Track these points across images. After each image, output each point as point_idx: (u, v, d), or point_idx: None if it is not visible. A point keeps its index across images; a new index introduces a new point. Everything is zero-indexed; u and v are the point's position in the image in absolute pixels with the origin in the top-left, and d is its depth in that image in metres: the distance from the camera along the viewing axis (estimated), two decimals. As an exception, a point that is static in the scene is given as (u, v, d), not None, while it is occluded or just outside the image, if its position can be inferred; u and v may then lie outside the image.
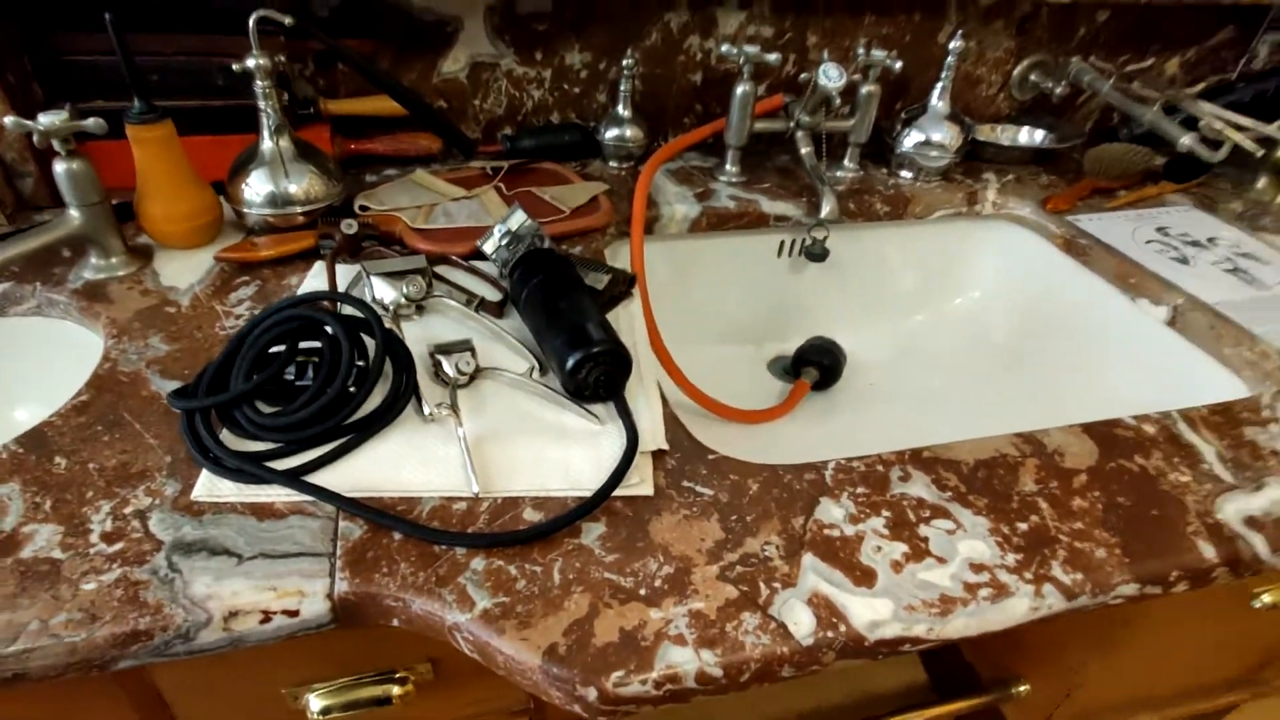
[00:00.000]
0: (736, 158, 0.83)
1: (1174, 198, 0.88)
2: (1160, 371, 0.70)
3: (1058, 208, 0.82)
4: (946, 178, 0.88)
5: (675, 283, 0.81)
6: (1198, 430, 0.53)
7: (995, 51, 0.93)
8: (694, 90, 0.87)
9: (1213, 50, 1.01)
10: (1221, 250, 0.77)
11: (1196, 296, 0.69)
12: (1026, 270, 0.85)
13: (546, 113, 0.84)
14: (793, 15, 0.84)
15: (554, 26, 0.78)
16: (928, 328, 0.89)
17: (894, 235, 0.86)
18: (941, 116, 0.84)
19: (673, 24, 0.81)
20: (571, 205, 0.72)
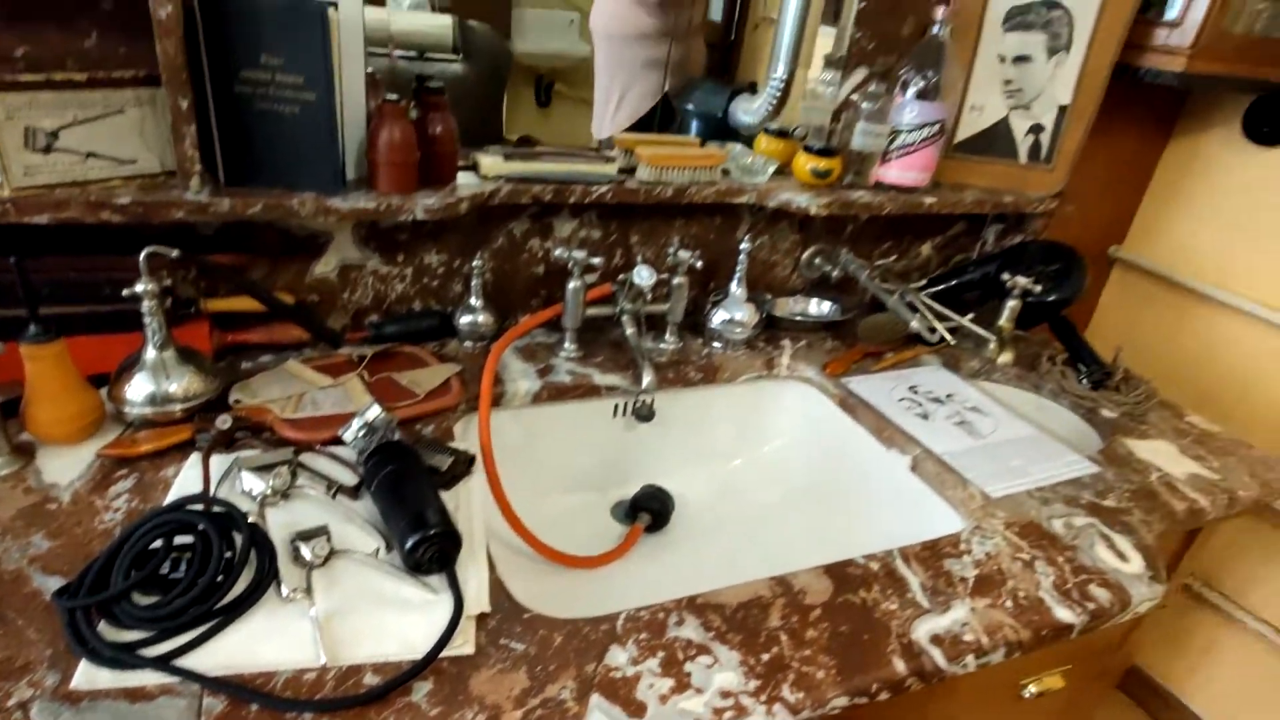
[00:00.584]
0: (574, 337, 0.98)
1: (929, 357, 1.11)
2: (907, 509, 0.88)
3: (834, 372, 1.02)
4: (751, 346, 1.07)
5: (525, 444, 0.94)
6: (910, 565, 0.69)
7: (784, 243, 1.15)
8: (538, 279, 1.03)
9: (954, 238, 1.29)
10: (955, 405, 0.98)
11: (930, 448, 0.88)
12: (817, 423, 1.03)
13: (409, 302, 0.97)
14: (617, 220, 1.03)
15: (413, 236, 0.93)
16: (744, 471, 1.05)
17: (710, 395, 1.02)
18: (741, 300, 1.04)
19: (516, 231, 0.98)
20: (426, 389, 0.84)
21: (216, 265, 0.73)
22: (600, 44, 1.11)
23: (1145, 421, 1.00)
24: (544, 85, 1.13)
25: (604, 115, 1.16)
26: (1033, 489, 0.83)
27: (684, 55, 1.14)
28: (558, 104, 1.15)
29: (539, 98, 1.14)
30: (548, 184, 0.91)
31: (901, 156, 1.05)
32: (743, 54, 1.19)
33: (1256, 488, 0.89)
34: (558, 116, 1.16)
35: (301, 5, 0.68)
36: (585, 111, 1.12)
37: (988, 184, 1.15)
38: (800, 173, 1.04)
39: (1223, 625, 1.43)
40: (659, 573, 0.88)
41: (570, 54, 1.10)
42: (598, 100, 1.15)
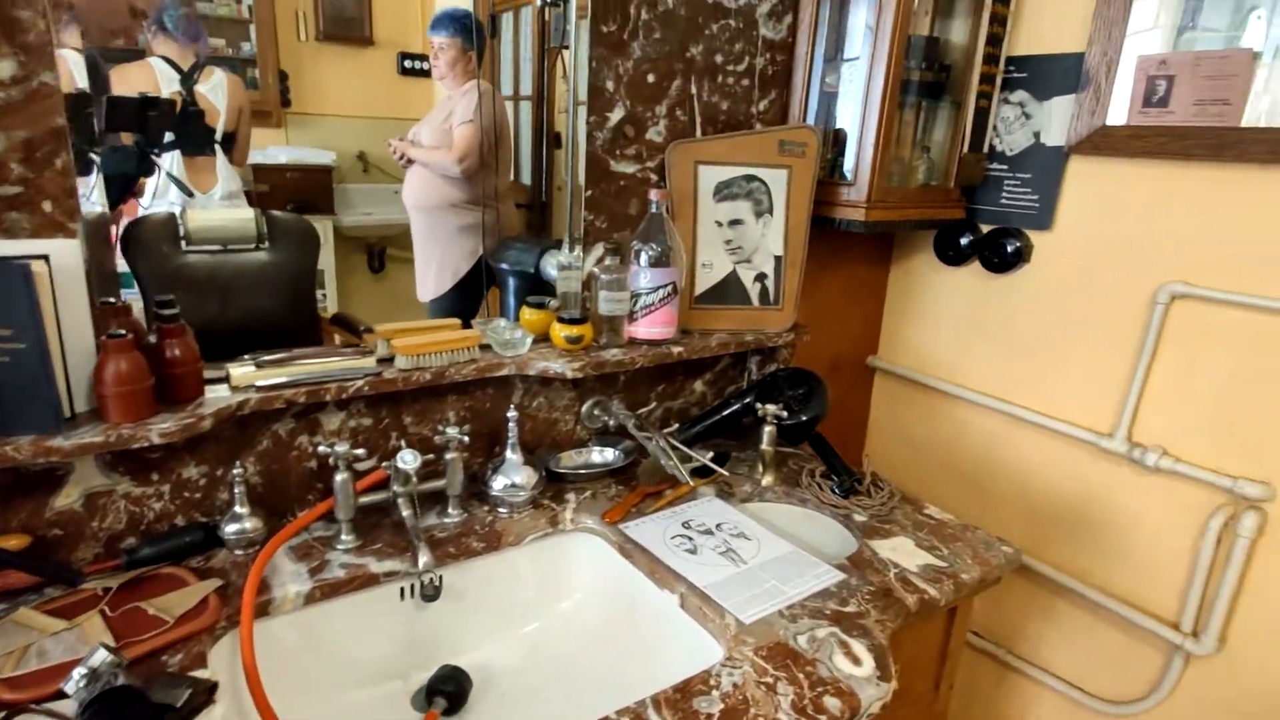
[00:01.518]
0: (350, 527, 0.99)
1: (705, 489, 1.20)
2: (678, 646, 0.93)
3: (612, 519, 1.08)
4: (536, 505, 1.11)
5: (306, 646, 0.92)
6: (661, 712, 0.73)
7: (561, 400, 1.23)
8: (313, 473, 1.04)
9: (722, 371, 1.42)
10: (723, 535, 1.06)
11: (694, 583, 0.95)
12: (604, 571, 1.08)
13: (170, 518, 0.95)
14: (387, 405, 1.07)
15: (167, 452, 0.93)
16: (543, 633, 1.07)
17: (497, 562, 1.05)
18: (518, 464, 1.09)
19: (281, 431, 1.00)
20: (178, 613, 0.82)
21: None
22: (414, 215, 1.21)
23: (890, 520, 1.13)
24: (376, 252, 1.20)
25: (425, 279, 1.23)
26: (784, 608, 0.90)
27: (495, 219, 1.25)
28: (392, 267, 1.21)
29: (372, 265, 1.21)
30: (301, 387, 0.95)
31: (646, 315, 1.18)
32: (553, 212, 1.31)
33: (978, 569, 1.01)
34: (393, 279, 1.22)
35: (2, 267, 0.71)
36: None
37: (731, 326, 1.30)
38: (557, 340, 1.14)
39: (1020, 682, 1.55)
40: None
41: (398, 221, 1.19)
42: (419, 266, 1.23)
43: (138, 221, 1.00)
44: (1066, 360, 1.39)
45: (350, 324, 1.17)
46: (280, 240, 1.09)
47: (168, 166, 1.03)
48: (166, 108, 1.02)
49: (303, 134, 1.10)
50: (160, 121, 1.02)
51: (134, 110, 0.99)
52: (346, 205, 1.15)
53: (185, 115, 1.04)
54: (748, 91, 1.31)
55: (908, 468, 1.70)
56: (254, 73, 1.05)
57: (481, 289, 1.26)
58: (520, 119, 1.29)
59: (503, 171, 1.27)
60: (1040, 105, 1.35)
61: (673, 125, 1.24)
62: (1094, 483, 1.39)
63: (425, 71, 1.16)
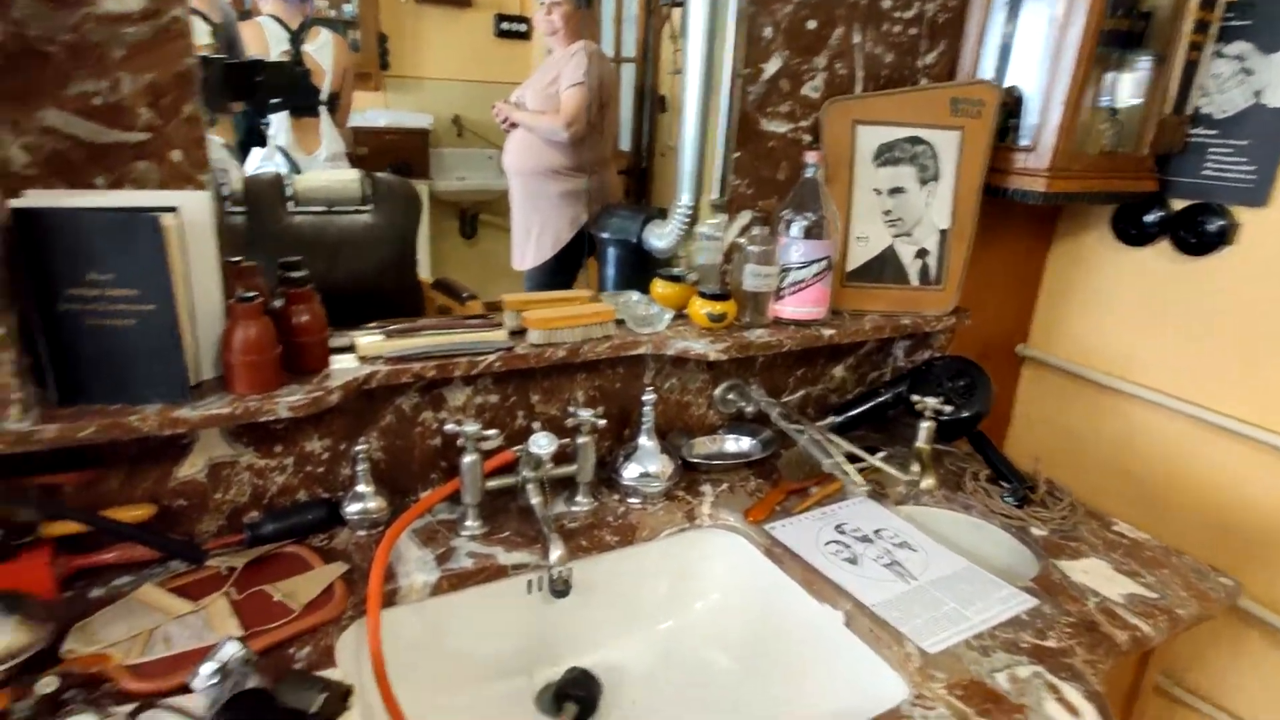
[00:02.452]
0: (476, 512, 0.91)
1: (853, 488, 1.07)
2: (848, 671, 0.81)
3: (756, 519, 0.97)
4: (670, 496, 1.01)
5: (430, 639, 0.85)
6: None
7: (695, 383, 1.13)
8: (436, 451, 0.97)
9: (866, 356, 1.29)
10: (883, 543, 0.94)
11: (861, 600, 0.83)
12: (747, 573, 0.97)
13: (292, 493, 0.89)
14: (515, 382, 0.99)
15: (291, 424, 0.87)
16: (676, 635, 0.97)
17: (629, 557, 0.96)
18: (653, 451, 1.00)
19: (405, 406, 0.93)
20: (304, 600, 0.75)
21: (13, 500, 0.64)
22: (514, 181, 1.13)
23: (1075, 537, 0.98)
24: (469, 218, 1.15)
25: (524, 248, 1.15)
26: (971, 637, 0.78)
27: (599, 185, 1.16)
28: (484, 234, 1.16)
29: (464, 230, 1.15)
30: (431, 360, 0.87)
31: (795, 293, 1.05)
32: (655, 179, 1.22)
33: (1195, 603, 0.86)
34: (485, 246, 1.16)
35: (130, 220, 0.64)
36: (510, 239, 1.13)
37: (885, 308, 1.16)
38: (697, 318, 1.03)
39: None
40: None
41: (492, 187, 1.14)
42: (515, 234, 1.15)
43: (246, 181, 0.95)
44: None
45: (453, 289, 1.10)
46: (383, 202, 1.04)
47: (274, 133, 0.98)
48: (275, 71, 0.98)
49: (401, 97, 1.07)
50: (269, 87, 0.98)
51: (246, 75, 0.94)
52: (441, 169, 1.10)
53: (293, 75, 0.98)
54: (914, 42, 1.16)
55: (1060, 470, 1.52)
56: (355, 34, 1.02)
57: (580, 259, 1.17)
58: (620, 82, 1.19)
59: (609, 136, 1.17)
60: (1266, 59, 1.14)
61: (831, 80, 1.10)
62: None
63: (522, 34, 1.10)
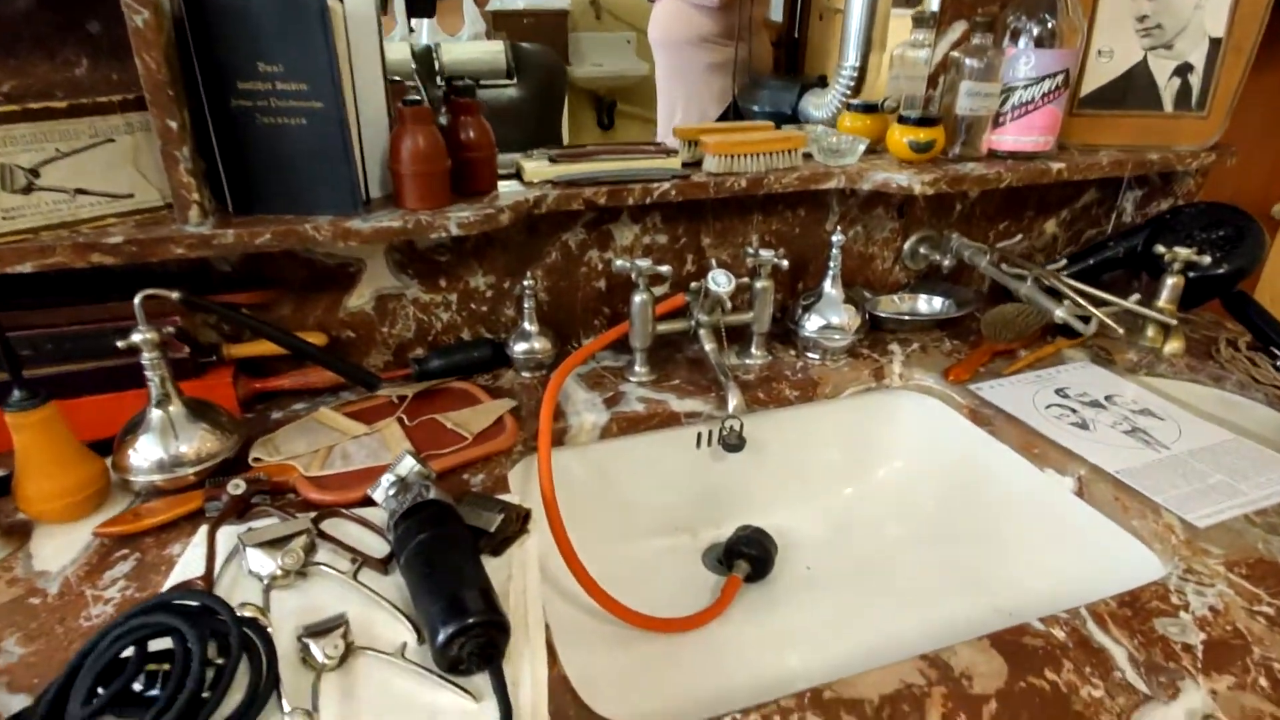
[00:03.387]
0: (645, 358, 0.84)
1: (1071, 353, 0.92)
2: (1079, 547, 0.69)
3: (959, 378, 0.85)
4: (853, 354, 0.90)
5: (597, 484, 0.81)
6: (1108, 629, 0.51)
7: (882, 233, 0.99)
8: (600, 295, 0.90)
9: (1084, 209, 1.09)
10: (1120, 409, 0.79)
11: (1099, 465, 0.70)
12: (942, 440, 0.85)
13: (456, 331, 0.86)
14: (685, 222, 0.89)
15: (455, 257, 0.82)
16: (856, 501, 0.89)
17: (810, 415, 0.87)
18: (837, 301, 0.88)
19: (570, 243, 0.86)
20: (476, 430, 0.72)
21: (216, 306, 0.63)
22: (660, 53, 1.04)
23: (1376, 414, 0.79)
24: (605, 106, 1.07)
25: (668, 127, 1.05)
26: (1251, 512, 0.63)
27: (748, 55, 1.03)
28: (621, 124, 1.09)
29: (601, 120, 1.07)
30: (601, 185, 0.78)
31: (1019, 118, 0.88)
32: (808, 48, 1.07)
33: None
34: (622, 136, 1.09)
35: (297, 2, 0.58)
36: (650, 130, 1.05)
37: (1126, 140, 0.95)
38: (896, 148, 0.88)
39: None
40: (765, 637, 0.73)
41: (630, 73, 1.05)
42: (661, 110, 1.05)
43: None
44: None
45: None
46: (528, 74, 0.96)
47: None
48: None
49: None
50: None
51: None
52: (578, 55, 1.02)
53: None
54: None
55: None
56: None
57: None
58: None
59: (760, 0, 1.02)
60: None
61: None
62: None
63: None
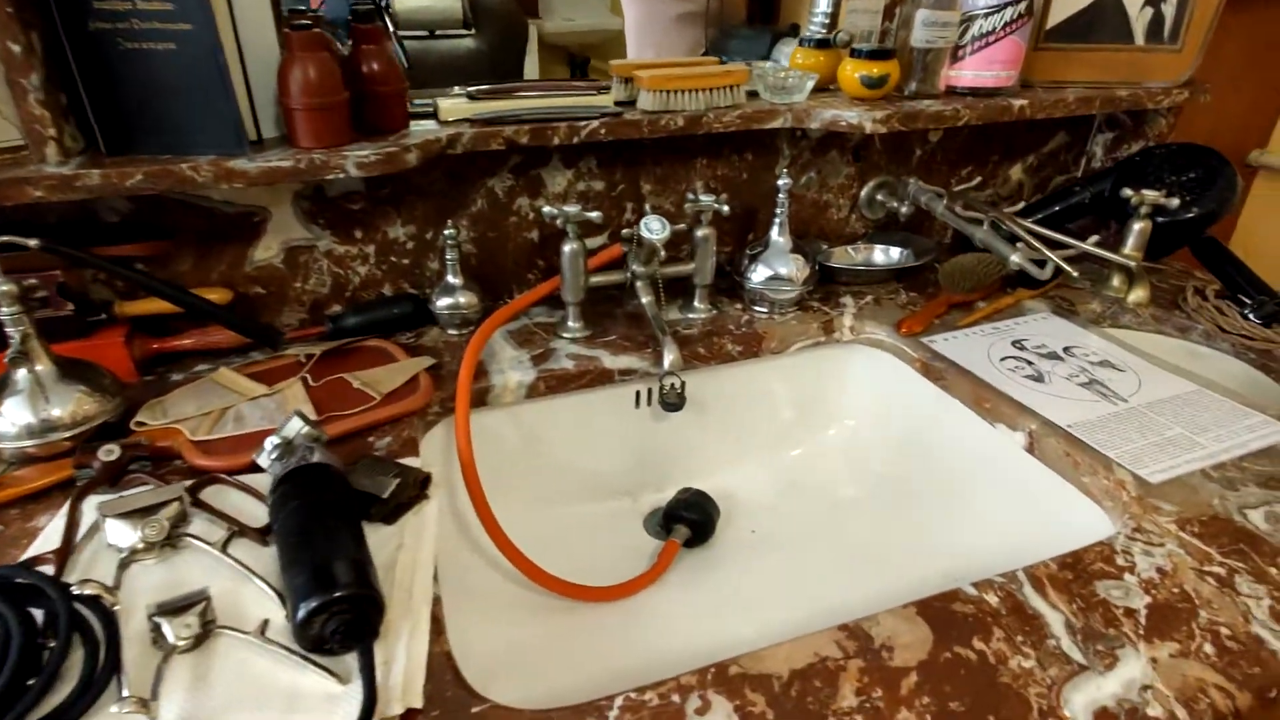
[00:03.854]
0: (578, 313, 0.79)
1: (1032, 304, 0.87)
2: (1028, 505, 0.65)
3: (911, 330, 0.80)
4: (803, 307, 0.86)
5: (528, 446, 0.76)
6: (1045, 593, 0.48)
7: (837, 179, 0.93)
8: (533, 247, 0.85)
9: (1052, 154, 1.04)
10: (1078, 361, 0.75)
11: (1051, 419, 0.66)
12: (894, 396, 0.81)
13: (376, 286, 0.80)
14: (623, 167, 0.83)
15: (370, 205, 0.76)
16: (805, 461, 0.84)
17: (755, 371, 0.82)
18: (784, 251, 0.83)
19: (497, 189, 0.80)
20: (385, 389, 0.67)
21: (91, 257, 0.57)
22: (629, 5, 0.97)
23: (1346, 363, 0.75)
24: (578, 64, 1.00)
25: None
26: (1209, 466, 0.59)
27: (719, 5, 0.97)
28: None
29: (574, 77, 1.00)
30: (523, 124, 0.72)
31: (978, 50, 0.82)
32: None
33: None
34: None
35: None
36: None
37: (1094, 77, 0.90)
38: (848, 84, 0.82)
39: None
40: (703, 605, 0.69)
41: (602, 28, 0.99)
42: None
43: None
44: None
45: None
46: (487, 25, 0.88)
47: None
48: None
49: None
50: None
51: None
52: (549, 9, 0.95)
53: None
54: None
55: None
56: None
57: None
58: None
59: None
60: None
61: None
62: None
63: None
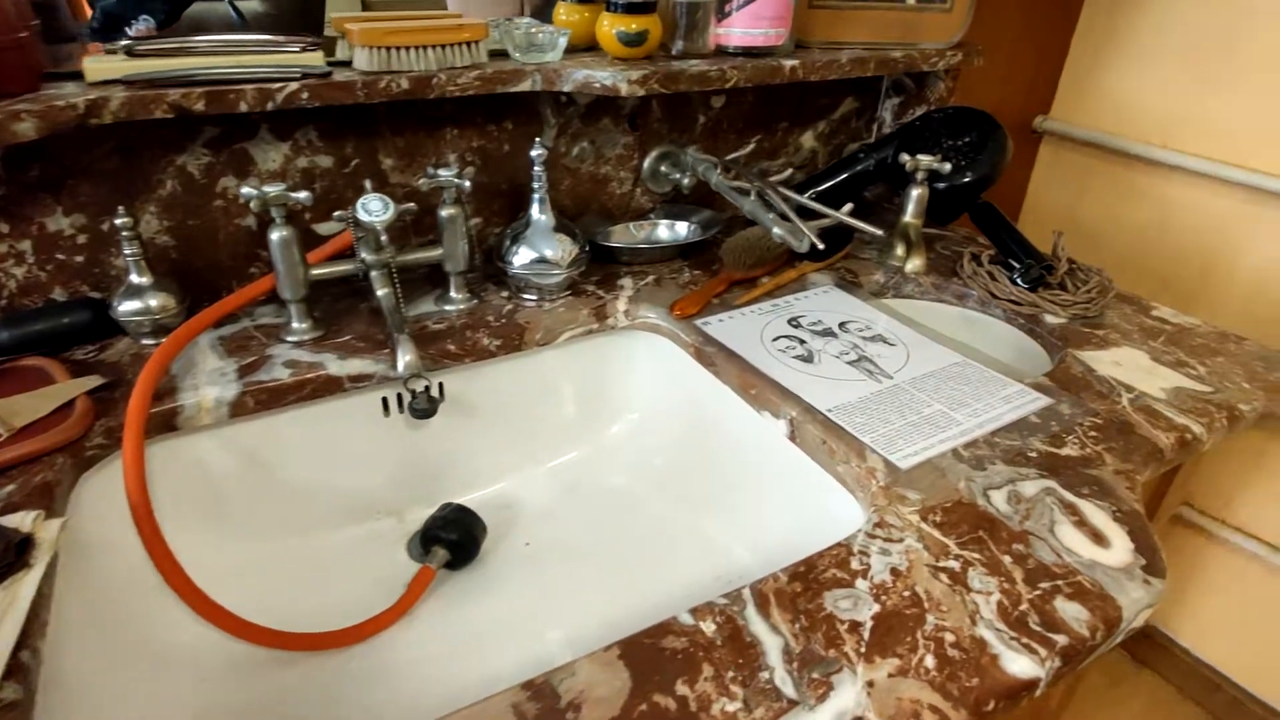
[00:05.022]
0: (304, 311, 0.68)
1: (817, 277, 0.83)
2: (792, 498, 0.61)
3: (685, 312, 0.74)
4: (576, 292, 0.78)
5: (253, 471, 0.65)
6: (769, 614, 0.42)
7: (614, 149, 0.86)
8: (252, 236, 0.72)
9: (843, 120, 1.01)
10: (851, 337, 0.71)
11: (811, 404, 0.61)
12: (675, 386, 0.75)
13: (44, 290, 0.66)
14: (354, 139, 0.72)
15: (15, 190, 0.61)
16: (588, 462, 0.77)
17: (520, 366, 0.74)
18: (547, 230, 0.75)
19: (191, 168, 0.67)
20: (22, 421, 0.53)
21: None
22: None
23: (1103, 324, 0.75)
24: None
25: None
26: (961, 445, 0.56)
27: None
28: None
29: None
30: (195, 86, 0.60)
31: (745, 5, 0.76)
32: None
33: (1261, 396, 0.64)
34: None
35: None
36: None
37: (869, 38, 0.86)
38: (606, 42, 0.74)
39: (1207, 548, 1.22)
40: (462, 637, 0.61)
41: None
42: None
43: None
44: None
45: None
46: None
47: None
48: None
49: None
50: None
51: None
52: None
53: None
54: None
55: (1074, 269, 1.28)
56: None
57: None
58: None
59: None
60: None
61: None
62: (1381, 285, 0.96)
63: None
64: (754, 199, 0.72)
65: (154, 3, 0.66)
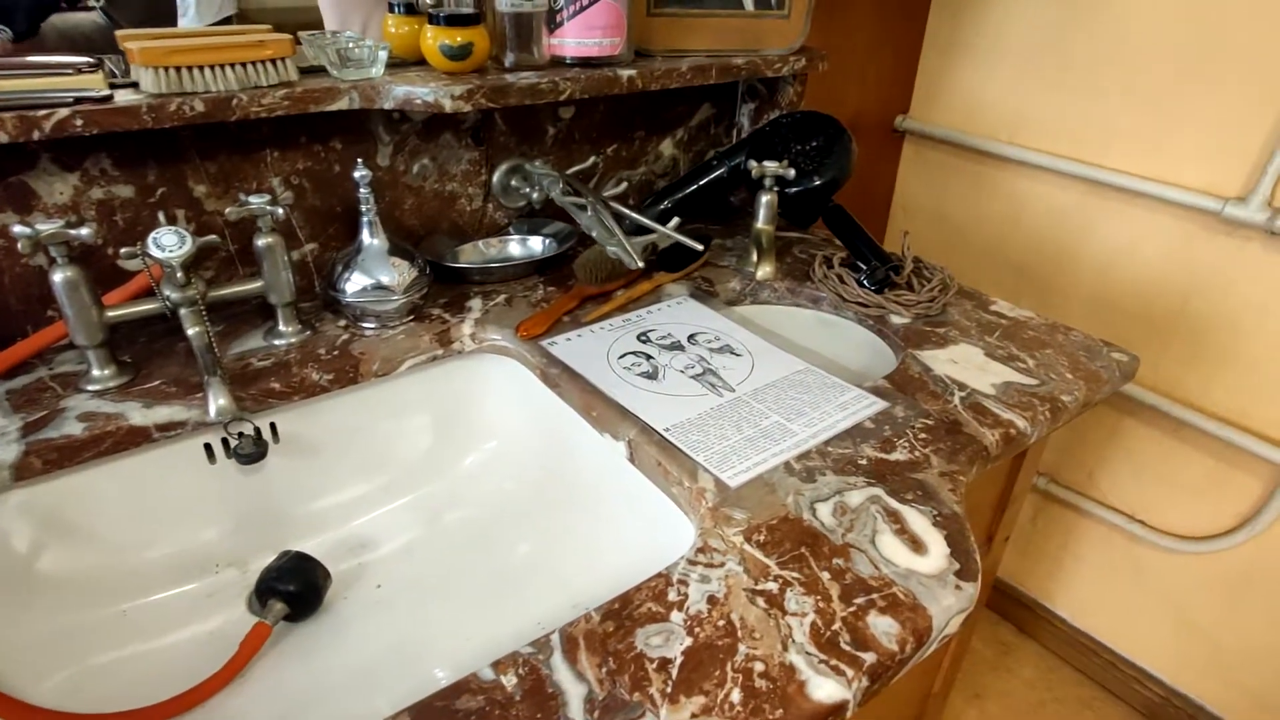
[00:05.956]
0: (104, 358, 0.62)
1: (674, 288, 0.82)
2: (634, 524, 0.60)
3: (530, 333, 0.72)
4: (419, 317, 0.74)
5: (55, 539, 0.59)
6: (576, 659, 0.40)
7: (458, 165, 0.83)
8: (44, 276, 0.66)
9: (701, 127, 1.01)
10: (698, 350, 0.70)
11: (649, 423, 0.60)
12: (528, 410, 0.73)
13: None
14: (157, 166, 0.67)
15: None
16: (445, 495, 0.74)
17: (358, 401, 0.70)
18: (381, 254, 0.71)
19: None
20: None
21: None
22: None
23: (945, 321, 0.77)
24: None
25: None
26: (794, 457, 0.56)
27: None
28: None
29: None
30: (-58, 116, 0.53)
31: (575, 14, 0.74)
32: None
33: (1082, 387, 0.66)
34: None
35: None
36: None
37: (713, 44, 0.86)
38: (430, 55, 0.71)
39: (1077, 521, 1.28)
40: (299, 698, 0.56)
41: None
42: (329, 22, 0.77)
43: None
44: (1189, 100, 0.98)
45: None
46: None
47: None
48: None
49: None
50: None
51: None
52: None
53: None
54: None
55: (944, 261, 1.33)
56: None
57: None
58: None
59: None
60: None
61: None
62: (1203, 266, 1.02)
63: None
64: (590, 215, 0.71)
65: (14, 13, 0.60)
